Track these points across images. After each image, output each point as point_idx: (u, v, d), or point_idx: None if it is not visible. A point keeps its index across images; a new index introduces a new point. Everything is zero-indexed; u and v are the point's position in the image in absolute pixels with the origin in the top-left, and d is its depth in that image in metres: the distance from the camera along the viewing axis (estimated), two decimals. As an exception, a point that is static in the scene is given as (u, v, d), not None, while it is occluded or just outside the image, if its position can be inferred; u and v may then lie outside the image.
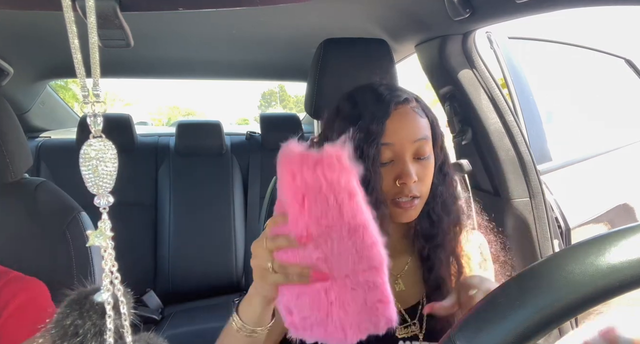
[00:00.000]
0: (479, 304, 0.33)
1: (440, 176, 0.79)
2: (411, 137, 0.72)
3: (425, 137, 0.74)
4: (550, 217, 1.17)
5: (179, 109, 31.18)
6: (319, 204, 0.45)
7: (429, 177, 0.75)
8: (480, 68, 1.13)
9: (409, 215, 0.74)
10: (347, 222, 0.46)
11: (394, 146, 0.72)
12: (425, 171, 0.74)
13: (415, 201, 0.73)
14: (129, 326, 0.29)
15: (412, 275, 0.81)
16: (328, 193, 0.45)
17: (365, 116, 0.72)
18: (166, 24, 1.27)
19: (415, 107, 0.75)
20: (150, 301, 1.90)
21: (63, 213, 0.97)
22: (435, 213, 0.78)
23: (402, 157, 0.72)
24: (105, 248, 0.28)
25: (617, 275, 0.28)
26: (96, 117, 0.28)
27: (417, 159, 0.73)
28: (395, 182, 0.72)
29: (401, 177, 0.71)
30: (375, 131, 0.70)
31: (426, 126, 0.75)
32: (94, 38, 0.27)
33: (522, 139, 1.14)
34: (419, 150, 0.73)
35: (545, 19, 0.97)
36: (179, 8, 0.51)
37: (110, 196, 0.28)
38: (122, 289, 0.29)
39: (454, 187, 0.82)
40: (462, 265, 0.79)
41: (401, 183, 0.71)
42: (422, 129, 0.74)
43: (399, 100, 0.74)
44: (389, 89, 0.77)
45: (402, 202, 0.73)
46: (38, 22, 1.20)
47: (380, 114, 0.72)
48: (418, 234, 0.80)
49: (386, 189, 0.72)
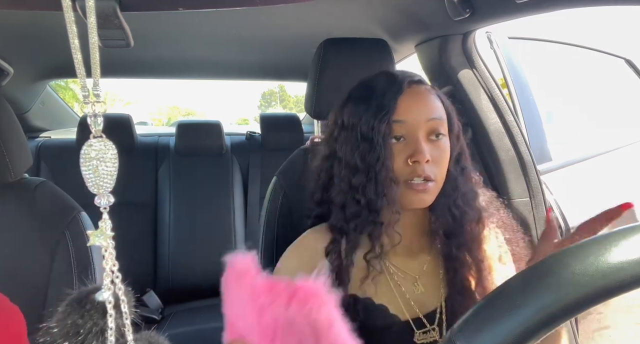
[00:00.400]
0: (479, 304, 0.33)
1: (458, 167, 0.75)
2: (425, 115, 0.69)
3: (440, 117, 0.70)
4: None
5: (179, 109, 31.17)
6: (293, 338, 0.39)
7: (443, 160, 0.70)
8: (480, 68, 1.13)
9: (423, 199, 0.69)
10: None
11: (406, 124, 0.68)
12: (439, 152, 0.69)
13: (429, 184, 0.68)
14: (130, 324, 0.29)
15: (431, 276, 0.76)
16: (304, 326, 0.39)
17: (377, 93, 0.70)
18: (166, 24, 1.27)
19: (430, 88, 0.73)
20: (150, 301, 1.90)
21: (63, 213, 0.97)
22: (457, 207, 0.73)
23: (415, 135, 0.68)
24: (106, 248, 0.28)
25: (617, 275, 0.28)
26: (96, 117, 0.28)
27: (431, 140, 0.69)
28: (407, 161, 0.68)
29: (414, 155, 0.67)
30: (386, 106, 0.68)
31: (441, 108, 0.72)
32: (94, 38, 0.27)
33: (522, 139, 1.14)
34: (433, 128, 0.69)
35: (545, 19, 0.97)
36: (179, 8, 0.51)
37: (110, 196, 0.28)
38: (123, 288, 0.29)
39: (473, 182, 0.77)
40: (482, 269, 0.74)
41: (413, 161, 0.67)
42: (437, 109, 0.70)
43: (412, 79, 0.72)
44: (404, 72, 0.75)
45: (414, 183, 0.68)
46: (38, 22, 1.20)
47: (394, 89, 0.69)
48: (438, 230, 0.75)
49: (398, 169, 0.68)
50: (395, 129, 0.68)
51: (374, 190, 0.68)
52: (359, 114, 0.70)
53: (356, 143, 0.70)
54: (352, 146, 0.70)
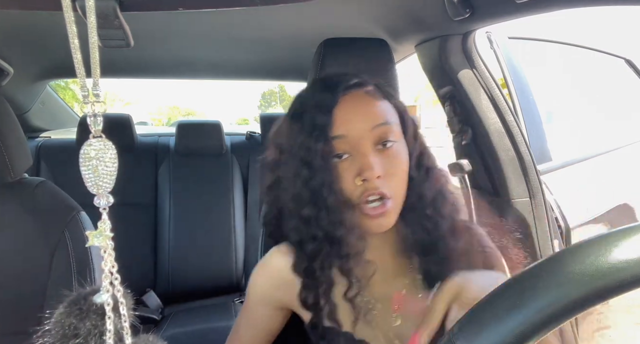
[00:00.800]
0: (478, 304, 0.33)
1: (422, 171, 0.65)
2: (368, 124, 0.60)
3: (387, 122, 0.61)
4: (550, 217, 1.17)
5: (179, 109, 31.20)
6: None
7: (399, 171, 0.61)
8: (480, 68, 1.13)
9: (381, 224, 0.60)
10: None
11: (347, 138, 0.60)
12: (393, 162, 0.60)
13: (387, 204, 0.59)
14: (128, 327, 0.29)
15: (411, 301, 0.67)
16: None
17: (309, 108, 0.61)
18: (166, 24, 1.27)
19: (371, 90, 0.64)
20: (150, 301, 1.90)
21: (62, 213, 0.97)
22: (428, 218, 0.64)
23: (360, 149, 0.59)
24: (105, 248, 0.28)
25: (617, 275, 0.28)
26: (96, 117, 0.28)
27: (381, 149, 0.61)
28: (354, 180, 0.59)
29: (362, 173, 0.58)
30: (321, 123, 0.59)
31: (388, 111, 0.63)
32: (94, 38, 0.27)
33: (522, 139, 1.14)
34: (380, 137, 0.61)
35: (545, 19, 0.97)
36: (179, 8, 0.51)
37: (110, 196, 0.28)
38: (122, 290, 0.29)
39: (441, 182, 0.67)
40: None
41: (362, 180, 0.59)
42: (382, 113, 0.62)
43: (347, 85, 0.62)
44: (339, 75, 0.65)
45: (368, 208, 0.59)
46: (38, 22, 1.20)
47: (327, 102, 0.60)
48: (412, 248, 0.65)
49: (348, 191, 0.60)
50: (337, 146, 0.60)
51: (328, 219, 0.60)
52: (294, 135, 0.62)
53: (297, 169, 0.61)
54: (294, 173, 0.62)
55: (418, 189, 0.64)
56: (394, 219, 0.61)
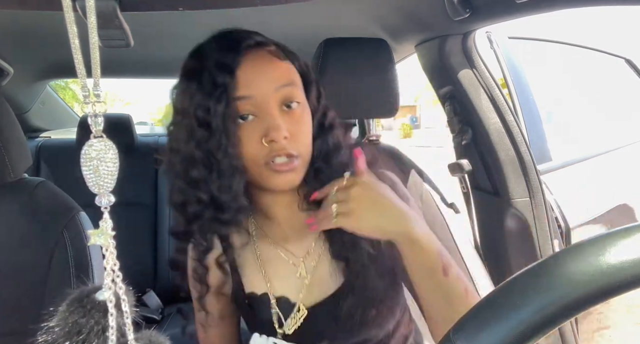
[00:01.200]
0: (478, 304, 0.33)
1: (323, 131, 0.65)
2: (272, 84, 0.59)
3: (291, 82, 0.61)
4: (550, 217, 1.17)
5: (179, 109, 31.09)
6: None
7: (305, 131, 0.62)
8: (480, 68, 1.13)
9: (288, 179, 0.60)
10: None
11: (252, 99, 0.59)
12: (298, 123, 0.61)
13: (295, 162, 0.59)
14: (131, 324, 0.29)
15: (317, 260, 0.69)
16: None
17: (209, 66, 0.58)
18: (166, 24, 1.27)
19: (274, 50, 0.63)
20: (150, 301, 1.90)
21: (62, 213, 0.97)
22: (323, 173, 0.64)
23: (266, 109, 0.59)
24: (107, 247, 0.28)
25: (617, 275, 0.28)
26: (97, 117, 0.28)
27: (286, 110, 0.61)
28: (262, 141, 0.58)
29: (268, 134, 0.58)
30: (222, 83, 0.57)
31: (292, 71, 0.63)
32: (94, 38, 0.27)
33: (522, 139, 1.14)
34: (286, 97, 0.60)
35: (545, 19, 0.97)
36: (179, 8, 0.51)
37: (111, 196, 0.28)
38: (124, 288, 0.29)
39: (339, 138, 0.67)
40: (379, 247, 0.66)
41: (269, 141, 0.58)
42: (286, 74, 0.61)
43: (250, 43, 0.60)
44: (240, 32, 0.63)
45: (277, 164, 0.59)
46: (38, 22, 1.20)
47: (227, 61, 0.58)
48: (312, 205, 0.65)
49: (253, 152, 0.59)
50: (241, 107, 0.58)
51: (217, 183, 0.60)
52: (190, 94, 0.60)
53: (191, 130, 0.59)
54: (188, 133, 0.60)
55: (320, 148, 0.64)
56: (301, 175, 0.62)
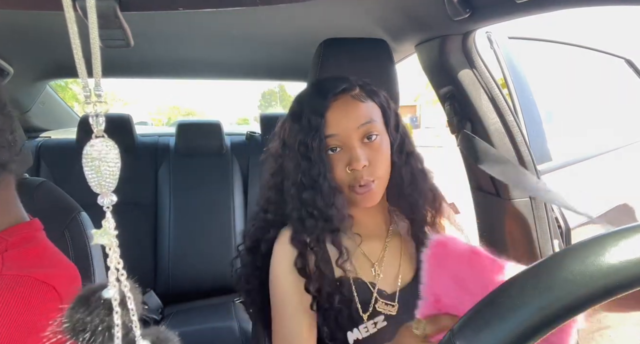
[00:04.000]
0: (479, 304, 0.33)
1: (402, 156, 0.80)
2: (353, 123, 0.74)
3: (370, 120, 0.75)
4: (550, 217, 1.17)
5: (179, 109, 31.22)
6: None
7: (382, 158, 0.76)
8: (480, 68, 1.13)
9: (368, 199, 0.76)
10: None
11: (338, 136, 0.74)
12: (377, 153, 0.75)
13: (372, 186, 0.75)
14: (137, 320, 0.29)
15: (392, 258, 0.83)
16: None
17: (306, 111, 0.75)
18: (166, 24, 1.27)
19: (357, 94, 0.77)
20: (150, 301, 1.90)
21: (63, 213, 0.97)
22: (408, 195, 0.80)
23: (349, 144, 0.74)
24: (110, 246, 0.28)
25: (617, 275, 0.28)
26: (98, 117, 0.28)
27: (367, 142, 0.75)
28: (346, 169, 0.74)
29: (351, 163, 0.73)
30: (315, 124, 0.73)
31: (372, 109, 0.77)
32: (95, 38, 0.27)
33: (522, 139, 1.14)
34: (366, 133, 0.75)
35: (545, 19, 0.97)
36: (179, 8, 0.51)
37: (113, 195, 0.28)
38: (129, 285, 0.30)
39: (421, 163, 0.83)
40: None
41: (351, 169, 0.74)
42: (365, 114, 0.76)
43: (336, 91, 0.76)
44: (330, 81, 0.79)
45: (358, 188, 0.75)
46: (38, 22, 1.20)
47: (319, 106, 0.74)
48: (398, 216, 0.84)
49: (340, 177, 0.75)
50: (330, 143, 0.75)
51: (323, 202, 0.74)
52: (294, 133, 0.77)
53: (298, 161, 0.76)
54: (295, 164, 0.76)
55: (399, 171, 0.79)
56: (380, 194, 0.77)
